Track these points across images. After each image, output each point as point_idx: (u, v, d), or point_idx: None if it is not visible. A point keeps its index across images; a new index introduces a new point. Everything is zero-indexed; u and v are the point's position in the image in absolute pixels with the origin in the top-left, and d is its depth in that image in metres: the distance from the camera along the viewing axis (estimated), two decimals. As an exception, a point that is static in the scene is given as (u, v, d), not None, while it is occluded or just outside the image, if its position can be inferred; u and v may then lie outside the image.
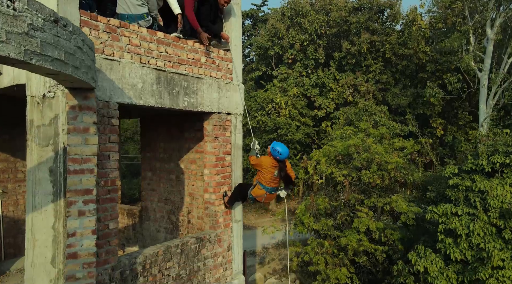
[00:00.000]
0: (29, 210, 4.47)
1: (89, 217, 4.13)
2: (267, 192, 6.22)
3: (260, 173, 6.19)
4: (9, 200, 7.73)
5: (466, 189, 12.67)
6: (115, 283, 4.94)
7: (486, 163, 12.55)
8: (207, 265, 6.40)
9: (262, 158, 6.23)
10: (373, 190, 16.84)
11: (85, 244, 4.12)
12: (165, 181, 8.16)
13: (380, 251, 15.20)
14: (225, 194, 6.74)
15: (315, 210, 17.21)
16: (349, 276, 15.68)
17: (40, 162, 4.40)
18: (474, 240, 11.64)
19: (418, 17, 26.12)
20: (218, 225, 6.65)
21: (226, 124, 6.76)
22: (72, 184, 4.06)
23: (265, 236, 24.49)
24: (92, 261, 4.16)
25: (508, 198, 11.75)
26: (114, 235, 4.91)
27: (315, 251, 16.31)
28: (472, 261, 11.68)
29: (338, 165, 17.43)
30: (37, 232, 4.41)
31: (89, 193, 4.14)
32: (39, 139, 4.41)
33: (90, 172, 4.13)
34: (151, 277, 5.43)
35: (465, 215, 12.22)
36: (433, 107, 25.96)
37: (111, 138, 4.82)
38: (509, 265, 10.95)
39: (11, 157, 7.70)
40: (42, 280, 4.35)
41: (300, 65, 28.71)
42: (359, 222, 15.60)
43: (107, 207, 4.79)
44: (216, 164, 6.56)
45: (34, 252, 4.41)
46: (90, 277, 4.15)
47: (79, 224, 4.09)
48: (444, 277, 11.91)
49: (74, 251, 4.08)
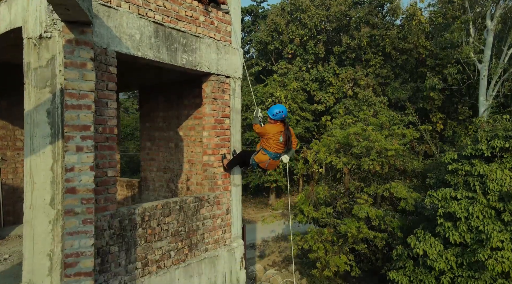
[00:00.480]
0: (27, 153, 4.45)
1: (87, 153, 4.13)
2: (270, 158, 6.20)
3: (265, 139, 6.18)
4: (8, 167, 7.73)
5: (466, 174, 12.66)
6: (114, 231, 4.93)
7: (485, 147, 12.53)
8: (206, 226, 6.38)
9: (267, 126, 6.22)
10: (372, 178, 16.83)
11: (83, 179, 4.11)
12: (164, 149, 8.15)
13: (380, 238, 15.18)
14: (224, 156, 6.72)
15: (314, 199, 17.21)
16: (349, 263, 15.66)
17: (37, 105, 4.39)
18: (473, 223, 11.63)
19: (418, 11, 26.18)
20: (217, 187, 6.64)
21: (225, 87, 6.75)
22: (69, 119, 4.05)
23: (265, 230, 24.54)
24: (91, 197, 4.14)
25: (508, 182, 11.74)
26: (113, 183, 4.90)
27: (315, 239, 16.29)
28: (471, 243, 11.66)
29: (338, 154, 17.43)
30: (35, 174, 4.39)
31: (87, 129, 4.13)
32: (36, 81, 4.40)
33: (87, 108, 4.12)
34: (150, 229, 5.41)
35: (464, 199, 12.21)
36: (433, 102, 25.98)
37: (109, 86, 4.81)
38: (508, 246, 10.94)
39: (9, 124, 7.70)
40: (41, 221, 4.34)
41: (300, 60, 28.73)
42: (359, 209, 15.59)
43: (106, 154, 4.78)
44: (215, 126, 6.56)
45: (33, 194, 4.40)
46: (89, 213, 4.13)
47: (77, 159, 4.09)
48: (443, 260, 11.88)
49: (73, 186, 4.07)
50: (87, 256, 4.13)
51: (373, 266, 16.49)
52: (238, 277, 6.96)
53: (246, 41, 36.80)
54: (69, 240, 4.06)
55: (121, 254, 5.03)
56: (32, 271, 4.38)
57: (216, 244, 6.59)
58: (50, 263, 4.31)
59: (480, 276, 11.23)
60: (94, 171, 4.21)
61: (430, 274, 12.31)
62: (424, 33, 26.35)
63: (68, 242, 4.05)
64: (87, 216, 4.12)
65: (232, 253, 6.87)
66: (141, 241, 5.30)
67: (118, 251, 4.99)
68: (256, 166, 6.35)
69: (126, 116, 37.51)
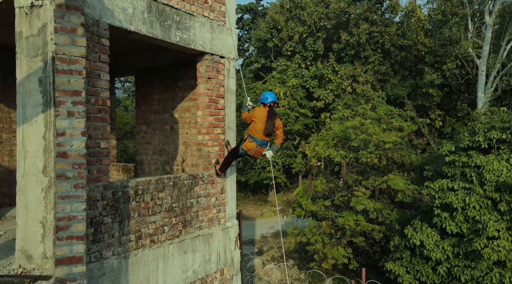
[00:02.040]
0: (19, 123, 4.48)
1: (78, 118, 4.16)
2: (257, 145, 6.20)
3: (252, 125, 6.20)
4: (4, 149, 7.76)
5: (463, 165, 12.71)
6: (107, 202, 4.97)
7: (482, 139, 12.57)
8: (200, 204, 6.41)
9: (255, 109, 6.27)
10: (370, 171, 16.87)
11: (74, 144, 4.14)
12: (160, 132, 8.19)
13: (378, 230, 15.21)
14: (217, 162, 6.75)
15: (313, 192, 17.24)
16: (347, 256, 15.70)
17: (29, 74, 4.42)
18: (470, 213, 11.67)
19: (417, 9, 26.23)
20: (212, 166, 6.68)
21: (219, 67, 6.79)
22: (60, 84, 4.08)
23: (264, 226, 24.58)
24: (82, 162, 4.18)
25: (505, 173, 11.77)
26: (106, 155, 4.93)
27: (313, 232, 16.33)
28: (467, 233, 11.69)
29: (336, 148, 17.47)
30: (28, 143, 4.42)
31: (78, 95, 4.16)
32: (28, 50, 4.43)
33: (78, 73, 4.15)
34: (143, 203, 5.45)
35: (461, 190, 12.25)
36: (431, 99, 26.01)
37: (101, 58, 4.85)
38: (504, 235, 10.98)
39: (5, 106, 7.73)
40: (34, 189, 4.36)
41: (299, 57, 28.80)
42: (356, 201, 15.63)
43: (98, 125, 4.82)
44: (209, 105, 6.59)
45: (26, 163, 4.42)
46: (80, 178, 4.17)
47: (69, 124, 4.12)
48: (440, 250, 11.91)
49: (64, 150, 4.10)
50: (79, 220, 4.17)
51: (371, 260, 16.52)
52: (232, 256, 6.99)
53: (246, 39, 36.88)
54: (61, 204, 4.09)
55: (114, 226, 5.06)
56: (25, 238, 4.41)
57: (210, 223, 6.62)
58: (43, 230, 4.34)
59: (477, 265, 11.26)
60: (86, 137, 4.24)
61: (427, 264, 12.34)
62: (423, 30, 26.41)
63: (60, 205, 4.09)
64: (78, 181, 4.15)
65: (227, 232, 6.90)
66: (135, 214, 5.33)
67: (111, 222, 5.02)
68: (245, 154, 6.35)
69: (125, 115, 37.56)
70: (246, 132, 6.34)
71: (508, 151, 12.36)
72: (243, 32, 37.18)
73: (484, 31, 21.22)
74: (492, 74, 20.85)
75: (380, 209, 15.59)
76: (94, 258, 4.81)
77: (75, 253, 4.15)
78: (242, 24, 37.21)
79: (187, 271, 6.06)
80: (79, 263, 4.17)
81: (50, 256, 4.28)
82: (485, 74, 20.92)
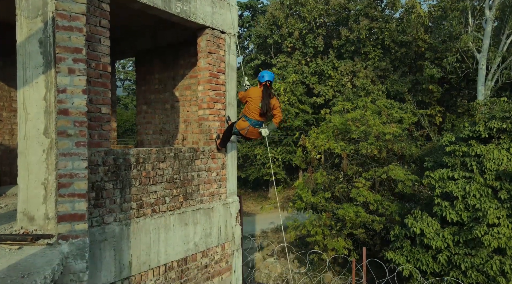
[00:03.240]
0: (20, 85, 4.48)
1: (79, 76, 4.16)
2: (250, 125, 6.12)
3: (247, 105, 6.16)
4: (4, 128, 7.76)
5: (463, 155, 12.72)
6: (108, 168, 4.96)
7: (483, 129, 12.58)
8: (201, 177, 6.41)
9: (249, 89, 6.25)
10: (371, 163, 16.88)
11: (75, 102, 4.14)
12: (160, 111, 8.19)
13: (378, 221, 15.20)
14: (218, 136, 6.74)
15: (313, 184, 17.24)
16: (347, 247, 15.69)
17: (29, 35, 4.42)
18: (470, 201, 11.67)
19: (417, 5, 26.27)
20: (212, 141, 6.68)
21: (220, 42, 6.80)
22: (61, 40, 4.08)
23: (264, 222, 24.58)
24: (84, 120, 4.17)
25: (505, 162, 11.78)
26: (107, 121, 4.93)
27: (313, 224, 16.33)
28: (467, 221, 11.69)
29: (336, 140, 17.48)
30: (28, 105, 4.42)
31: (79, 52, 4.16)
32: (28, 11, 4.42)
33: (79, 30, 4.15)
34: (145, 172, 5.44)
35: (461, 179, 12.26)
36: (431, 95, 26.03)
37: (102, 23, 4.84)
38: (504, 222, 10.98)
39: (5, 85, 7.73)
40: (35, 151, 4.36)
41: (299, 54, 28.84)
42: (357, 192, 15.63)
43: (99, 90, 4.81)
44: (210, 80, 6.60)
45: (27, 125, 4.42)
46: (82, 136, 4.16)
47: (69, 81, 4.12)
48: (440, 238, 11.91)
49: (65, 107, 4.10)
50: (81, 178, 4.16)
51: (371, 252, 16.50)
52: (233, 232, 6.98)
53: (246, 37, 36.91)
54: (63, 161, 4.09)
55: (115, 192, 5.06)
56: (27, 200, 4.41)
57: (211, 197, 6.62)
58: (44, 191, 4.34)
59: (477, 253, 11.25)
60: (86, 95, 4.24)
61: (427, 253, 12.34)
62: (423, 26, 26.45)
63: (62, 162, 4.08)
64: (80, 139, 4.15)
65: (228, 208, 6.89)
66: (136, 182, 5.33)
67: (112, 188, 5.02)
68: (238, 133, 6.32)
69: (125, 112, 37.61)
70: (242, 112, 6.31)
71: (508, 140, 12.37)
72: (243, 30, 37.22)
73: (484, 25, 21.27)
74: (492, 68, 20.89)
75: (380, 201, 15.60)
76: (95, 223, 4.81)
77: (77, 210, 4.15)
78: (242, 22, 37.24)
79: (188, 243, 6.06)
80: (81, 220, 4.16)
81: (52, 217, 4.28)
82: (485, 68, 20.96)
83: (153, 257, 5.50)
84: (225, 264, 6.85)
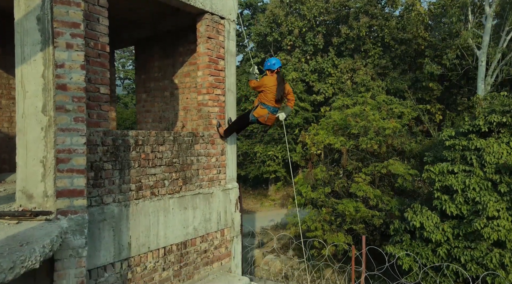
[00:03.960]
0: (18, 63, 4.46)
1: (77, 51, 4.15)
2: (269, 112, 6.25)
3: (264, 93, 6.23)
4: (3, 116, 7.75)
5: (463, 149, 12.72)
6: (107, 148, 4.94)
7: (483, 123, 12.58)
8: (201, 162, 6.40)
9: (264, 78, 6.30)
10: (371, 158, 16.87)
11: (74, 77, 4.13)
12: (160, 99, 8.18)
13: (377, 216, 15.19)
14: (219, 124, 6.76)
15: (313, 180, 17.24)
16: (347, 242, 15.67)
17: (27, 12, 4.40)
18: (470, 194, 11.68)
19: (417, 2, 26.27)
20: (212, 126, 6.67)
21: (219, 28, 6.79)
22: (58, 14, 4.07)
23: (264, 219, 24.57)
24: (82, 96, 4.16)
25: (505, 156, 11.78)
26: (105, 101, 4.91)
27: (313, 219, 16.32)
28: (467, 215, 11.69)
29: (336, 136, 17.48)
30: (27, 83, 4.40)
31: (77, 27, 4.15)
32: (26, -12, 4.42)
33: (76, 5, 4.13)
34: (144, 154, 5.43)
35: (461, 172, 12.26)
36: (431, 93, 26.03)
37: (100, 2, 4.79)
38: (504, 215, 10.98)
39: (4, 72, 7.71)
40: (34, 128, 4.35)
41: (299, 52, 28.85)
42: (357, 187, 15.63)
43: (98, 70, 4.79)
44: (209, 65, 6.58)
45: (25, 103, 4.41)
46: (80, 111, 4.15)
47: (67, 56, 4.10)
48: (439, 231, 11.90)
49: (63, 83, 4.09)
50: (80, 153, 4.15)
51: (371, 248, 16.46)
52: (233, 218, 6.97)
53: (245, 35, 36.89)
54: (61, 136, 4.08)
55: (114, 173, 5.04)
56: (26, 178, 4.40)
57: (210, 183, 6.61)
58: (43, 169, 4.32)
59: (477, 246, 11.25)
60: (85, 71, 4.22)
61: (426, 246, 12.33)
62: (423, 24, 26.44)
63: (60, 138, 4.07)
64: (78, 114, 4.14)
65: (227, 194, 6.88)
66: (135, 164, 5.32)
67: (111, 169, 5.01)
68: (255, 121, 6.38)
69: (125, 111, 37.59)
70: (257, 100, 6.37)
71: (508, 134, 12.37)
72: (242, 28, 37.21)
73: (484, 22, 21.28)
74: (492, 65, 20.90)
75: (380, 196, 15.59)
76: (94, 203, 4.79)
77: (76, 186, 4.14)
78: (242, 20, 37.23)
79: (187, 227, 6.04)
80: (80, 196, 4.15)
81: (51, 194, 4.27)
82: (485, 65, 20.97)
83: (152, 240, 5.49)
84: (225, 250, 6.83)
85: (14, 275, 2.89)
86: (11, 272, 2.85)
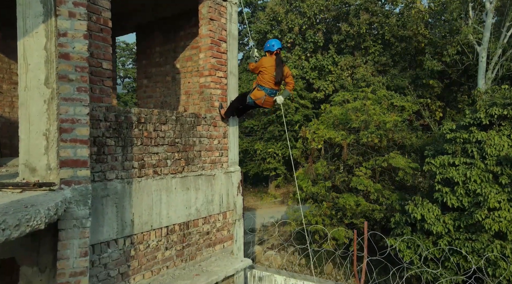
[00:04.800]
0: (20, 36, 4.43)
1: (80, 20, 4.12)
2: (266, 94, 6.21)
3: (260, 74, 6.21)
4: (5, 100, 7.72)
5: (464, 141, 12.71)
6: (110, 124, 4.93)
7: (484, 116, 12.57)
8: (203, 144, 6.38)
9: (262, 59, 6.27)
10: (371, 152, 16.85)
11: (77, 46, 4.11)
12: (161, 84, 8.16)
13: (378, 210, 15.17)
14: (221, 106, 6.74)
15: (313, 175, 17.22)
16: (347, 236, 15.64)
17: (30, -16, 4.39)
18: (471, 187, 11.67)
19: (417, 0, 26.26)
20: (214, 108, 6.65)
21: (221, 10, 6.77)
22: (62, -18, 4.06)
23: (265, 216, 24.51)
24: (85, 66, 4.14)
25: (506, 148, 11.76)
26: (108, 76, 4.90)
27: (313, 214, 16.30)
28: (468, 207, 11.67)
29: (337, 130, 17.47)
30: (29, 55, 4.37)
31: (79, -4, 4.14)
32: (28, -40, 4.39)
33: (80, -26, 4.13)
34: (146, 132, 5.41)
35: (462, 165, 12.25)
36: (432, 90, 26.01)
37: (102, -24, 4.81)
38: (505, 206, 10.96)
39: (5, 57, 7.69)
40: (36, 101, 4.32)
41: (299, 49, 28.85)
42: (357, 181, 15.61)
43: (100, 45, 4.78)
44: (211, 47, 6.57)
45: (27, 76, 4.38)
46: (83, 81, 4.13)
47: (70, 25, 4.08)
48: (440, 223, 11.88)
49: (66, 52, 4.07)
50: (83, 124, 4.13)
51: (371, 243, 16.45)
52: (235, 201, 6.95)
53: (245, 33, 36.89)
54: (64, 105, 4.06)
55: (117, 149, 5.02)
56: (29, 151, 4.37)
57: (213, 165, 6.58)
58: (46, 142, 4.30)
59: (478, 237, 11.23)
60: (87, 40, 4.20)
61: (427, 239, 12.30)
62: (423, 21, 26.44)
63: (63, 107, 4.05)
64: (81, 84, 4.12)
65: (229, 177, 6.86)
66: (138, 141, 5.30)
67: (114, 145, 4.99)
68: (253, 103, 6.35)
69: (125, 109, 37.51)
70: (255, 82, 6.34)
71: (509, 126, 12.36)
72: (242, 27, 37.20)
73: (485, 18, 21.29)
74: (493, 61, 20.90)
75: (380, 190, 15.57)
76: (97, 178, 4.77)
77: (79, 157, 4.11)
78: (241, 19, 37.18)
79: (190, 208, 6.02)
80: (84, 166, 4.13)
81: (54, 167, 4.25)
82: (486, 60, 20.96)
83: (155, 218, 5.46)
84: (227, 233, 6.81)
85: (19, 233, 2.87)
86: (17, 229, 2.83)
